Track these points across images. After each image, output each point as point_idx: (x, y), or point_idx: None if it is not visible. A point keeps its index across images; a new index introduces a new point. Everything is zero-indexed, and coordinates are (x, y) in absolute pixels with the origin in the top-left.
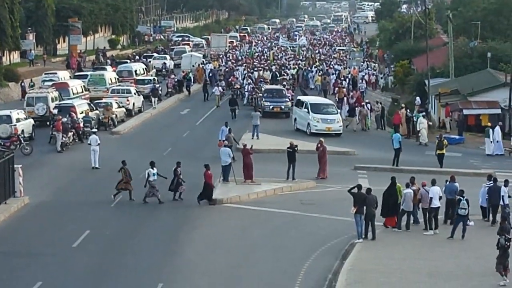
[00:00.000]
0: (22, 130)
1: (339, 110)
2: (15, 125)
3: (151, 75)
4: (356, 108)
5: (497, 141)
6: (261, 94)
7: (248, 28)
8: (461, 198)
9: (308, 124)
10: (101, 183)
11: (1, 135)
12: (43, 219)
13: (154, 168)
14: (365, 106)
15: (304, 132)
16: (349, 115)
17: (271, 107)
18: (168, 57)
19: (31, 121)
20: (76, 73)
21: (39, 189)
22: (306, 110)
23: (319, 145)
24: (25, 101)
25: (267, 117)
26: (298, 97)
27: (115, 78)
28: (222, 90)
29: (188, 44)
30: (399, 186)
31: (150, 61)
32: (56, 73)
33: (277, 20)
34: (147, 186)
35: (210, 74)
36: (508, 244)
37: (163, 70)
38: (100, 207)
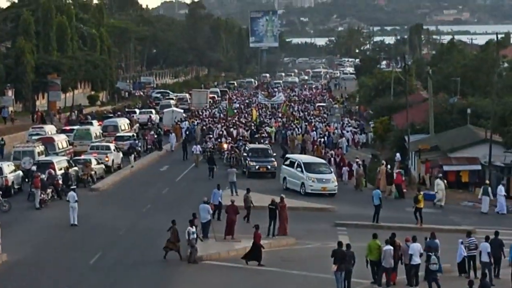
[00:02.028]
0: (13, 182)
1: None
2: (5, 176)
3: (135, 130)
4: (344, 168)
5: (498, 200)
6: (245, 154)
7: (235, 82)
8: (430, 254)
9: (303, 184)
10: (80, 241)
11: None
12: (21, 277)
13: (194, 226)
14: (360, 165)
15: (296, 192)
16: (387, 183)
17: (256, 167)
18: (153, 111)
19: (20, 173)
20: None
21: (17, 247)
22: (299, 169)
23: (279, 201)
24: (12, 155)
25: (253, 178)
26: (287, 156)
27: (99, 132)
28: (200, 150)
29: (172, 99)
30: (376, 242)
31: (133, 116)
32: (42, 127)
33: (267, 74)
34: (188, 245)
35: (187, 132)
36: None
37: (149, 124)
38: (79, 264)
